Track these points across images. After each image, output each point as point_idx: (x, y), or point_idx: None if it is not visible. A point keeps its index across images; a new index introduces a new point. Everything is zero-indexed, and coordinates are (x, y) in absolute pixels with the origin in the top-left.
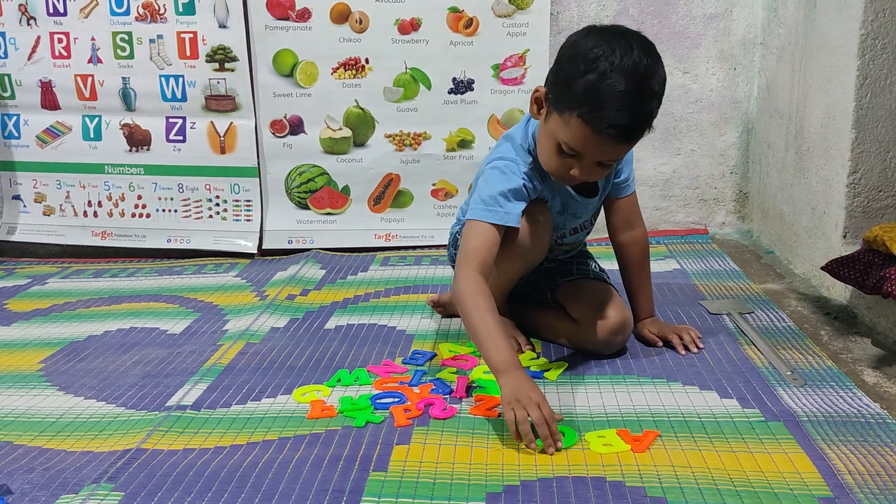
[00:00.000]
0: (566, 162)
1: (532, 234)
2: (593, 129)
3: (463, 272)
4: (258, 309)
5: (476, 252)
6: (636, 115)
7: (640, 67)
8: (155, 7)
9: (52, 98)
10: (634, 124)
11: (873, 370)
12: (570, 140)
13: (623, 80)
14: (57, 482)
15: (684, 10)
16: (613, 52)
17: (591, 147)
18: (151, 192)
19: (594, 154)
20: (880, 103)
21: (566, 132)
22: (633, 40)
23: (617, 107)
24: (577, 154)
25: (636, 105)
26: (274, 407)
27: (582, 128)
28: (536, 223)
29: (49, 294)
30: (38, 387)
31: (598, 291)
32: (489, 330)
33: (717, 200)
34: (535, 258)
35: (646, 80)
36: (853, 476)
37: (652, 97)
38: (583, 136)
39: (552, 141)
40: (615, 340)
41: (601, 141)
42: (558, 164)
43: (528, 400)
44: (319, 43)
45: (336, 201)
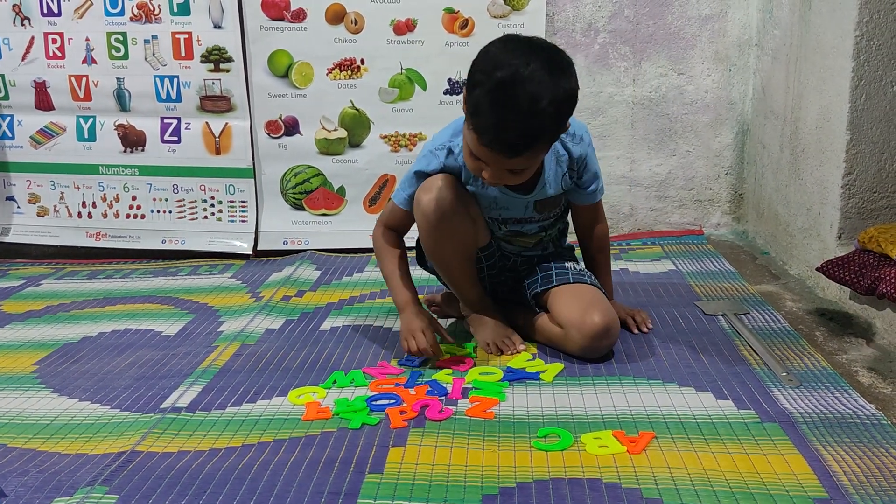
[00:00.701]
0: (477, 164)
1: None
2: (479, 139)
3: (376, 228)
4: (253, 310)
5: (388, 217)
6: (518, 133)
7: (530, 85)
8: (149, 7)
9: (46, 98)
10: (516, 142)
11: (868, 371)
12: (471, 146)
13: (506, 97)
14: (51, 485)
15: (679, 12)
16: (509, 65)
17: (486, 156)
18: (146, 193)
19: (493, 162)
20: (875, 105)
21: (468, 137)
22: (537, 55)
23: (496, 122)
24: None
25: (517, 123)
26: (269, 409)
27: (474, 137)
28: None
29: (43, 295)
30: (33, 389)
31: (580, 296)
32: (392, 275)
33: (712, 201)
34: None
35: (532, 99)
36: (848, 477)
37: (537, 116)
38: (476, 143)
39: (465, 145)
40: (600, 345)
41: (491, 151)
42: (471, 165)
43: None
44: (315, 43)
45: (331, 202)
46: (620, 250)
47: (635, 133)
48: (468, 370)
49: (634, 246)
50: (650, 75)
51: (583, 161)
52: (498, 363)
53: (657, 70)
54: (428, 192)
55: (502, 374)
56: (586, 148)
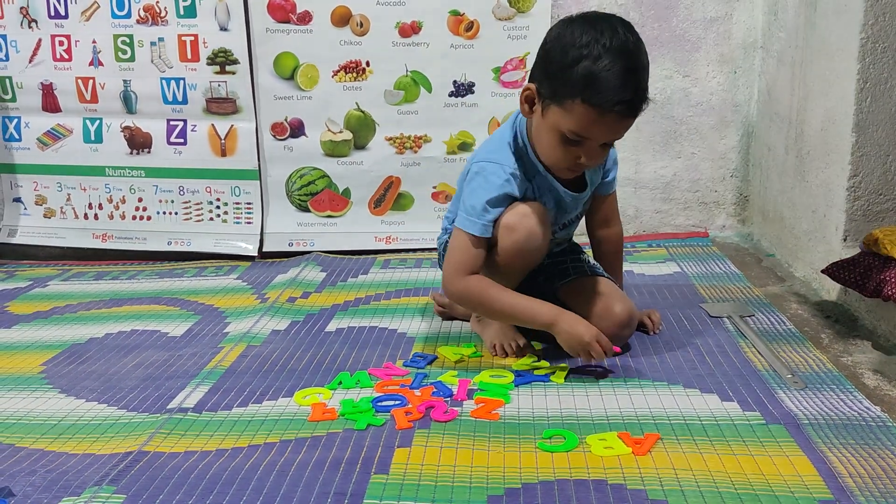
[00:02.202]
0: (572, 151)
1: (529, 236)
2: (601, 110)
3: (456, 281)
4: (259, 311)
5: (464, 263)
6: (637, 88)
7: (629, 45)
8: (156, 10)
9: (53, 100)
10: (637, 97)
11: (874, 373)
12: (576, 126)
13: (619, 59)
14: (59, 484)
15: (685, 14)
16: (601, 34)
17: (598, 128)
18: (152, 195)
19: (601, 135)
20: (880, 107)
21: (571, 120)
22: (615, 22)
23: (619, 84)
24: (582, 140)
25: (635, 79)
26: (275, 409)
27: (588, 111)
28: (533, 224)
29: (50, 296)
30: (40, 389)
31: (600, 287)
32: (518, 301)
33: (717, 203)
34: (534, 260)
35: (636, 56)
36: (854, 479)
37: (644, 70)
38: (590, 119)
39: (554, 133)
40: (623, 334)
41: (609, 120)
42: (563, 154)
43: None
44: (320, 46)
45: (337, 204)
46: (625, 252)
47: (640, 135)
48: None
49: (639, 248)
50: (655, 77)
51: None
52: (503, 364)
53: (662, 72)
54: (526, 218)
55: (513, 376)
56: None
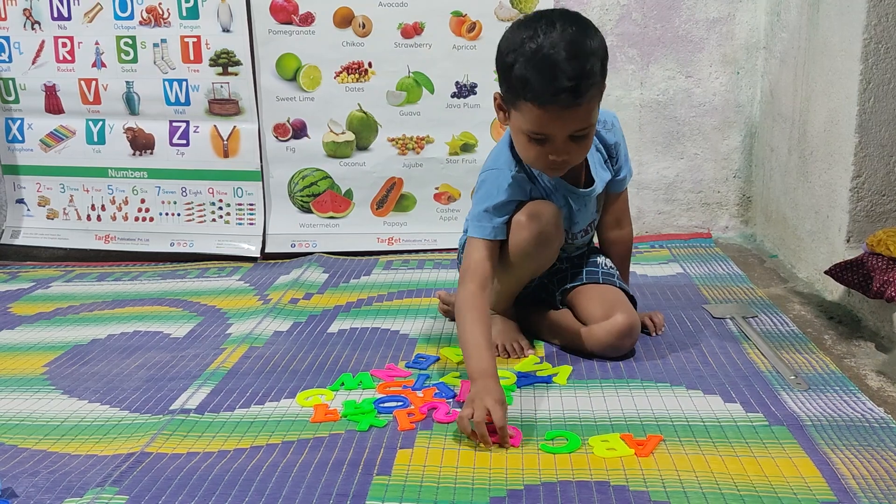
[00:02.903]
0: (541, 150)
1: (539, 235)
2: (541, 103)
3: (461, 288)
4: (261, 312)
5: (474, 268)
6: (571, 76)
7: (566, 35)
8: (159, 11)
9: (55, 102)
10: (575, 84)
11: (877, 374)
12: (531, 126)
13: (548, 52)
14: (62, 485)
15: (687, 15)
16: (534, 31)
17: (550, 123)
18: (155, 196)
19: (558, 129)
20: (883, 107)
21: (525, 120)
22: (554, 17)
23: (551, 76)
24: (545, 137)
25: (569, 67)
26: (277, 411)
27: (533, 109)
28: (543, 223)
29: (53, 297)
30: (43, 390)
31: (607, 294)
32: (473, 340)
33: (720, 204)
34: (545, 260)
35: (573, 43)
36: (857, 480)
37: (584, 56)
38: (538, 115)
39: (521, 135)
40: (623, 344)
41: (555, 112)
42: (535, 155)
43: (479, 402)
44: (322, 47)
45: (339, 205)
46: None
47: (643, 136)
48: None
49: (642, 249)
50: (658, 78)
51: (617, 147)
52: (506, 366)
53: (665, 73)
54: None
55: (515, 378)
56: (619, 134)
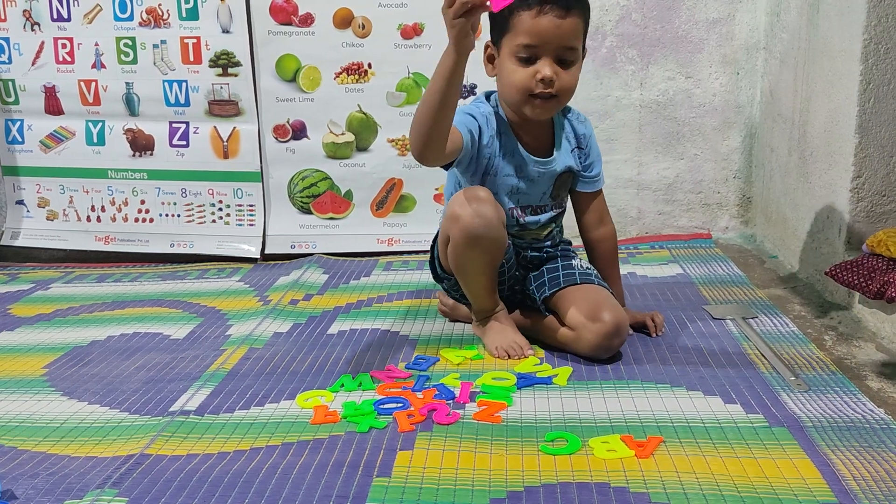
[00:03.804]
0: (529, 71)
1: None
2: (534, 11)
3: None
4: (261, 314)
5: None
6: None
7: None
8: (158, 12)
9: (55, 103)
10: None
11: (877, 375)
12: (524, 37)
13: None
14: (61, 487)
15: (687, 15)
16: None
17: (543, 33)
18: (154, 197)
19: (549, 41)
20: (883, 108)
21: (518, 36)
22: None
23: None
24: (535, 50)
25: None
26: (277, 412)
27: (525, 18)
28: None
29: (52, 299)
30: (42, 392)
31: (589, 294)
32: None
33: (720, 205)
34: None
35: None
36: (857, 482)
37: None
38: (530, 25)
39: (510, 60)
40: (612, 344)
41: (547, 21)
42: (522, 77)
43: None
44: (322, 48)
45: (339, 206)
46: (628, 254)
47: (643, 136)
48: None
49: (642, 249)
50: (658, 79)
51: (587, 140)
52: (505, 367)
53: (665, 73)
54: (470, 203)
55: (515, 379)
56: (590, 129)
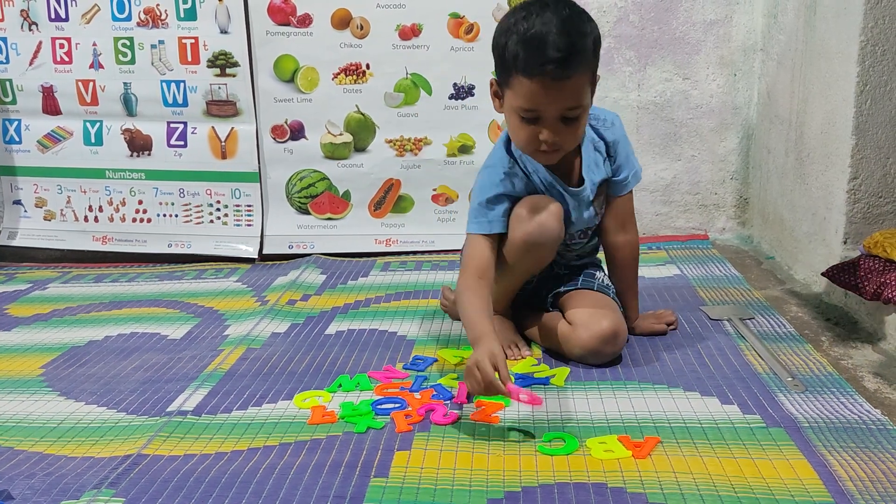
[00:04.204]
0: (531, 130)
1: (538, 228)
2: (531, 76)
3: (460, 279)
4: (259, 314)
5: (469, 261)
6: (561, 48)
7: (559, 15)
8: (156, 12)
9: (53, 103)
10: (564, 56)
11: (874, 376)
12: (522, 102)
13: (541, 26)
14: (58, 488)
15: (684, 17)
16: (528, 13)
17: (541, 98)
18: (152, 197)
19: (549, 105)
20: (880, 109)
21: (517, 97)
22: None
23: (540, 47)
24: (535, 115)
25: (558, 40)
26: (275, 412)
27: (524, 82)
28: (543, 217)
29: (50, 299)
30: (39, 392)
31: (598, 301)
32: (471, 311)
33: (717, 206)
34: (543, 257)
35: (565, 22)
36: (854, 482)
37: (575, 34)
38: (528, 89)
39: (513, 116)
40: (604, 349)
41: (544, 86)
42: (526, 136)
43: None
44: (320, 48)
45: (337, 206)
46: None
47: (640, 138)
48: None
49: (639, 250)
50: (655, 80)
51: (615, 146)
52: None
53: (662, 75)
54: (539, 211)
55: (513, 379)
56: (618, 133)
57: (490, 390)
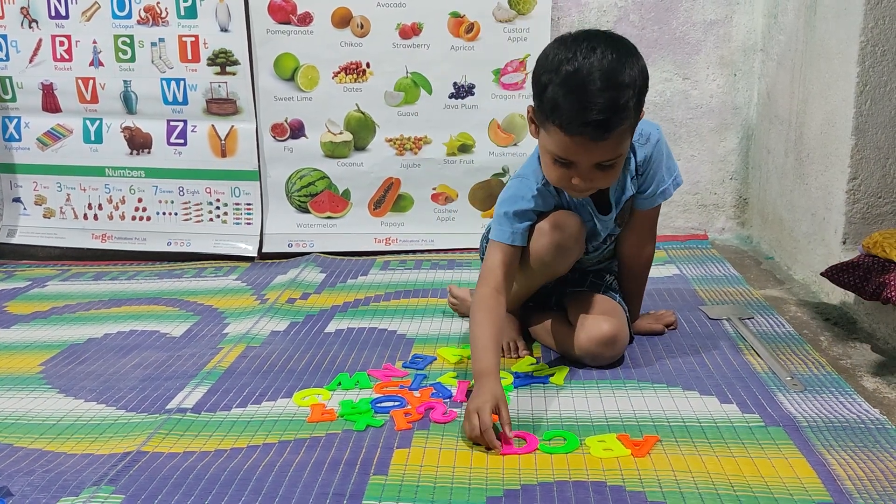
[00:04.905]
0: (564, 173)
1: (559, 245)
2: (567, 132)
3: (477, 288)
4: (258, 312)
5: (491, 270)
6: (601, 109)
7: (604, 63)
8: (157, 10)
9: (53, 101)
10: (604, 118)
11: (873, 376)
12: (556, 149)
13: (584, 80)
14: (57, 484)
15: (685, 17)
16: (575, 55)
17: (575, 151)
18: (152, 196)
19: (583, 158)
20: (880, 110)
21: (551, 142)
22: (598, 41)
23: (580, 107)
24: (569, 162)
25: (599, 98)
26: (274, 410)
27: (559, 134)
28: (565, 234)
29: (49, 297)
30: (39, 389)
31: (604, 305)
32: (480, 341)
33: (716, 206)
34: (561, 269)
35: (609, 74)
36: (853, 481)
37: (617, 88)
38: (563, 141)
39: (547, 154)
40: (603, 353)
41: (580, 143)
42: (558, 176)
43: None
44: (320, 47)
45: (336, 205)
46: None
47: None
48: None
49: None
50: (655, 80)
51: (646, 164)
52: (503, 366)
53: (662, 75)
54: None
55: (512, 378)
56: (652, 149)
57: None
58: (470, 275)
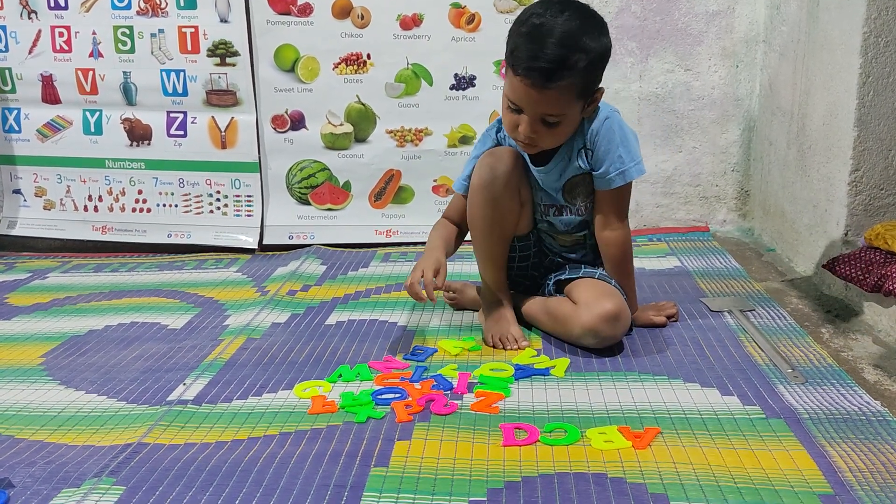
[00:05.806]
0: (514, 119)
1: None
2: (515, 72)
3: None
4: (259, 304)
5: (448, 209)
6: (551, 59)
7: (566, 25)
8: (156, 1)
9: (52, 92)
10: (549, 68)
11: (874, 368)
12: (509, 92)
13: (540, 28)
14: (58, 476)
15: (686, 8)
16: (545, 12)
17: (521, 94)
18: (152, 187)
19: (528, 104)
20: (882, 101)
21: (507, 85)
22: (572, 8)
23: (533, 52)
24: (518, 108)
25: (546, 48)
26: (275, 402)
27: (511, 76)
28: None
29: (50, 288)
30: (40, 381)
31: (603, 287)
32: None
33: (718, 198)
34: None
35: (567, 34)
36: (854, 473)
37: (570, 48)
38: (513, 83)
39: (504, 99)
40: (605, 330)
41: (524, 86)
42: (509, 122)
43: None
44: (321, 38)
45: (337, 197)
46: None
47: (641, 129)
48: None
49: (640, 242)
50: (657, 71)
51: (594, 137)
52: (503, 358)
53: (664, 66)
54: (490, 155)
55: (513, 370)
56: (601, 124)
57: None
58: (471, 267)
